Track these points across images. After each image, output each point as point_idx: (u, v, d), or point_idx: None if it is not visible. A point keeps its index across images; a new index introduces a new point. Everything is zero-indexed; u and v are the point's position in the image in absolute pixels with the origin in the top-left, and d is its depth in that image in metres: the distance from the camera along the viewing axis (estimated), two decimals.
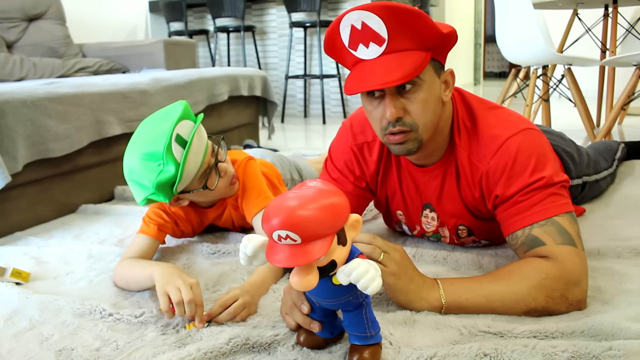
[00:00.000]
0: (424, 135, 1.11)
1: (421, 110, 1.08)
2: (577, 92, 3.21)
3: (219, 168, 1.39)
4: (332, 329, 0.98)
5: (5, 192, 1.68)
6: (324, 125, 4.42)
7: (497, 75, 10.75)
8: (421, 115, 1.08)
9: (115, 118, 2.10)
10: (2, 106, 1.67)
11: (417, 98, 1.06)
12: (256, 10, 5.18)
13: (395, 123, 1.08)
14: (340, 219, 0.80)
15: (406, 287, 1.05)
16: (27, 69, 3.05)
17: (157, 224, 1.42)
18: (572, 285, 1.04)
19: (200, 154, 1.32)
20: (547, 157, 1.13)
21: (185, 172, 1.29)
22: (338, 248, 0.82)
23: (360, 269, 0.80)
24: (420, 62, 1.01)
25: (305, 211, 0.77)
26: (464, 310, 1.06)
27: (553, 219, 1.08)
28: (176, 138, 1.27)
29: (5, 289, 1.25)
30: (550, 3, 3.22)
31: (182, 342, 1.01)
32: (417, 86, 1.06)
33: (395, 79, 0.99)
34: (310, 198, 0.79)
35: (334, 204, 0.80)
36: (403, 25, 1.00)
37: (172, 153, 1.25)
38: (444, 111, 1.16)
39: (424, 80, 1.06)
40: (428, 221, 1.35)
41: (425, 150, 1.19)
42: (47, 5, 3.32)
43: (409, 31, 1.00)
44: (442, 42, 1.05)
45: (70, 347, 1.02)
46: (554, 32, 3.69)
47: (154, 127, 1.30)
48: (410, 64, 1.00)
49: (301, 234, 0.77)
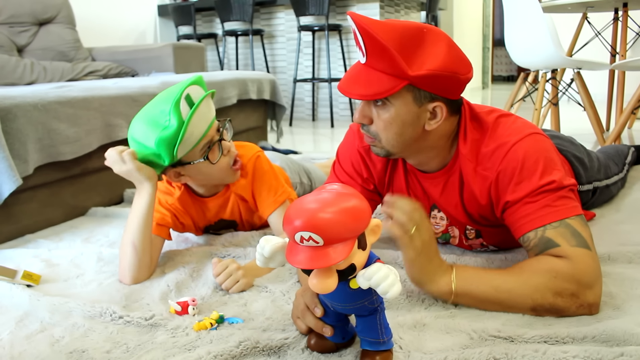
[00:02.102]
0: (390, 149, 1.17)
1: (383, 127, 1.13)
2: (587, 96, 3.20)
3: (223, 145, 1.40)
4: (343, 334, 0.98)
5: (16, 195, 1.70)
6: (332, 129, 4.42)
7: (505, 79, 10.73)
8: (383, 132, 1.14)
9: (124, 121, 2.11)
10: (14, 110, 1.69)
11: (382, 116, 1.12)
12: (264, 14, 5.19)
13: (362, 127, 1.17)
14: (362, 223, 0.81)
15: (423, 266, 1.07)
16: (37, 73, 3.08)
17: (155, 219, 1.41)
18: (584, 287, 1.03)
19: (206, 121, 1.34)
20: (555, 161, 1.13)
21: (188, 133, 1.29)
22: (358, 252, 0.82)
23: (381, 274, 0.80)
24: (389, 87, 1.06)
25: (328, 214, 0.78)
26: (472, 298, 1.08)
27: (565, 221, 1.07)
28: (186, 97, 1.29)
29: (17, 292, 1.25)
30: (560, 7, 3.21)
31: (192, 345, 1.01)
32: (385, 106, 1.10)
33: (359, 94, 1.07)
34: (332, 201, 0.80)
35: (356, 208, 0.80)
36: (376, 52, 1.04)
37: (179, 109, 1.27)
38: (429, 135, 1.16)
39: (392, 103, 1.10)
40: (437, 221, 1.35)
41: (411, 159, 1.25)
42: (57, 9, 3.34)
43: (381, 59, 1.05)
44: (422, 79, 1.06)
45: (81, 349, 1.02)
46: (564, 35, 3.67)
47: (165, 92, 1.34)
48: (377, 86, 1.06)
49: (324, 236, 0.77)
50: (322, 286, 0.80)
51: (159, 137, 1.27)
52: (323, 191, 0.83)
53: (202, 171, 1.40)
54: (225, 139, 1.42)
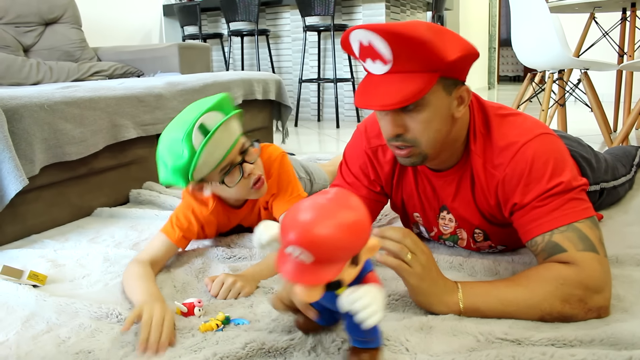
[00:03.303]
0: (428, 151, 1.13)
1: (423, 129, 1.09)
2: (594, 96, 3.18)
3: (244, 168, 1.36)
4: (330, 320, 1.00)
5: (22, 195, 1.70)
6: (337, 129, 4.42)
7: (511, 79, 10.70)
8: (423, 134, 1.09)
9: (130, 122, 2.11)
10: (20, 110, 1.69)
11: (419, 118, 1.07)
12: (270, 14, 5.19)
13: (397, 138, 1.10)
14: (359, 242, 0.78)
15: (428, 290, 1.05)
16: (43, 73, 3.08)
17: (182, 230, 1.42)
18: (592, 291, 1.02)
19: (224, 147, 1.30)
20: (565, 162, 1.12)
21: (201, 163, 1.28)
22: (349, 269, 0.80)
23: (364, 301, 0.79)
24: (424, 85, 1.01)
25: (323, 229, 0.74)
26: (481, 314, 1.06)
27: (573, 225, 1.06)
28: (199, 127, 1.28)
29: (23, 292, 1.26)
30: (567, 7, 3.20)
31: (198, 346, 1.01)
32: (421, 106, 1.06)
33: (394, 102, 1.01)
34: (330, 212, 0.76)
35: (356, 224, 0.77)
36: (408, 50, 1.00)
37: (190, 141, 1.26)
38: (456, 124, 1.15)
39: (428, 100, 1.06)
40: (445, 223, 1.34)
41: (436, 159, 1.19)
42: (63, 9, 3.35)
43: (414, 56, 1.00)
44: (453, 64, 1.03)
45: (87, 349, 1.02)
46: (571, 36, 3.66)
47: (187, 112, 1.33)
48: (411, 87, 1.01)
49: (316, 255, 0.74)
50: (306, 296, 0.78)
51: (173, 166, 1.28)
52: (324, 197, 0.79)
53: (221, 189, 1.39)
54: (248, 161, 1.37)
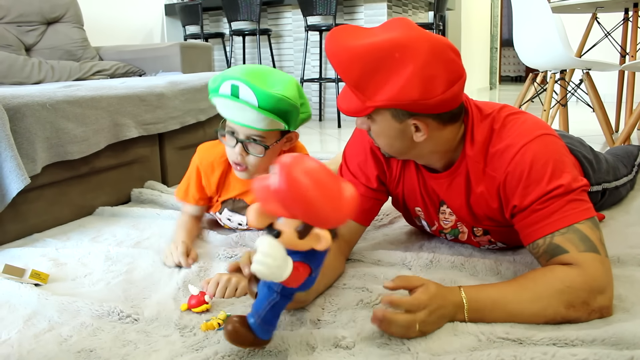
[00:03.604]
0: (388, 152, 1.21)
1: (375, 136, 1.18)
2: (596, 96, 3.18)
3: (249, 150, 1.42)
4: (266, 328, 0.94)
5: (23, 194, 1.70)
6: (339, 129, 4.42)
7: (513, 79, 10.69)
8: (377, 140, 1.19)
9: (132, 121, 2.12)
10: (22, 109, 1.69)
11: (372, 127, 1.15)
12: (272, 13, 5.19)
13: (368, 132, 1.19)
14: (321, 208, 0.81)
15: (437, 327, 1.02)
16: (45, 72, 3.08)
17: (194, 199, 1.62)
18: (595, 292, 1.02)
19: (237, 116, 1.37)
20: (565, 163, 1.11)
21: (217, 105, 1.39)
22: (293, 232, 0.84)
23: (265, 250, 0.82)
24: (359, 109, 1.09)
25: (305, 173, 0.80)
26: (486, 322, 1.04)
27: (574, 227, 1.06)
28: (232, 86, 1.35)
29: (25, 290, 1.26)
30: (569, 7, 3.20)
31: (200, 345, 1.01)
32: (371, 119, 1.13)
33: (341, 109, 1.12)
34: (321, 174, 0.82)
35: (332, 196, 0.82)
36: (344, 79, 1.07)
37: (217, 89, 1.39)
38: (423, 144, 1.15)
39: (374, 119, 1.12)
40: (446, 217, 1.34)
41: (419, 160, 1.25)
42: (65, 8, 3.35)
43: (347, 85, 1.09)
44: (389, 105, 1.07)
45: (89, 348, 1.02)
46: (573, 36, 3.65)
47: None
48: (352, 105, 1.10)
49: (281, 185, 0.79)
50: (253, 219, 0.86)
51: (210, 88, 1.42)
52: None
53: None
54: (246, 146, 1.41)
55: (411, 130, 1.11)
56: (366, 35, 1.07)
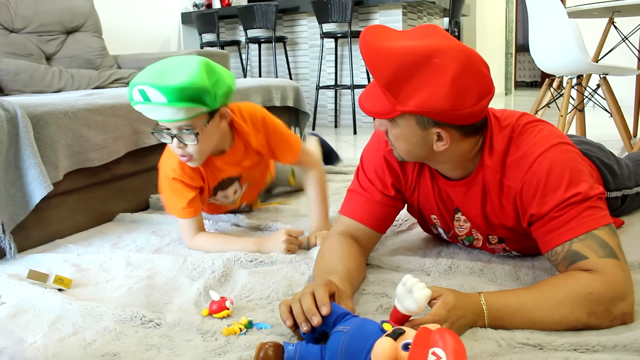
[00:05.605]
0: (404, 157, 1.20)
1: (394, 140, 1.16)
2: (613, 101, 3.16)
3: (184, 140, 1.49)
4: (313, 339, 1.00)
5: (46, 201, 1.73)
6: (354, 136, 4.43)
7: (528, 84, 10.64)
8: (395, 143, 1.18)
9: (151, 128, 2.14)
10: (45, 117, 1.72)
11: (392, 130, 1.15)
12: (287, 21, 5.22)
13: (386, 134, 1.19)
14: None
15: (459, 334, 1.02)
16: (65, 81, 3.13)
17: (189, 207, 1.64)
18: (617, 299, 1.01)
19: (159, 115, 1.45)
20: (581, 171, 1.11)
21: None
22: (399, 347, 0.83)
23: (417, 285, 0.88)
24: (386, 111, 1.09)
25: None
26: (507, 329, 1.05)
27: (592, 233, 1.06)
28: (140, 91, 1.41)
29: (49, 295, 1.28)
30: (586, 12, 3.18)
31: (222, 350, 1.03)
32: (393, 122, 1.13)
33: (365, 109, 1.11)
34: None
35: None
36: (375, 77, 1.06)
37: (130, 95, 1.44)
38: (442, 153, 1.15)
39: (397, 123, 1.12)
40: (460, 224, 1.34)
41: (434, 167, 1.26)
42: (84, 18, 3.40)
43: (377, 84, 1.07)
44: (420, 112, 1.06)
45: (113, 352, 1.04)
46: (589, 41, 3.63)
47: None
48: (378, 106, 1.09)
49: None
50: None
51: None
52: None
53: None
54: (180, 138, 1.49)
55: (433, 139, 1.11)
56: (402, 38, 1.08)
